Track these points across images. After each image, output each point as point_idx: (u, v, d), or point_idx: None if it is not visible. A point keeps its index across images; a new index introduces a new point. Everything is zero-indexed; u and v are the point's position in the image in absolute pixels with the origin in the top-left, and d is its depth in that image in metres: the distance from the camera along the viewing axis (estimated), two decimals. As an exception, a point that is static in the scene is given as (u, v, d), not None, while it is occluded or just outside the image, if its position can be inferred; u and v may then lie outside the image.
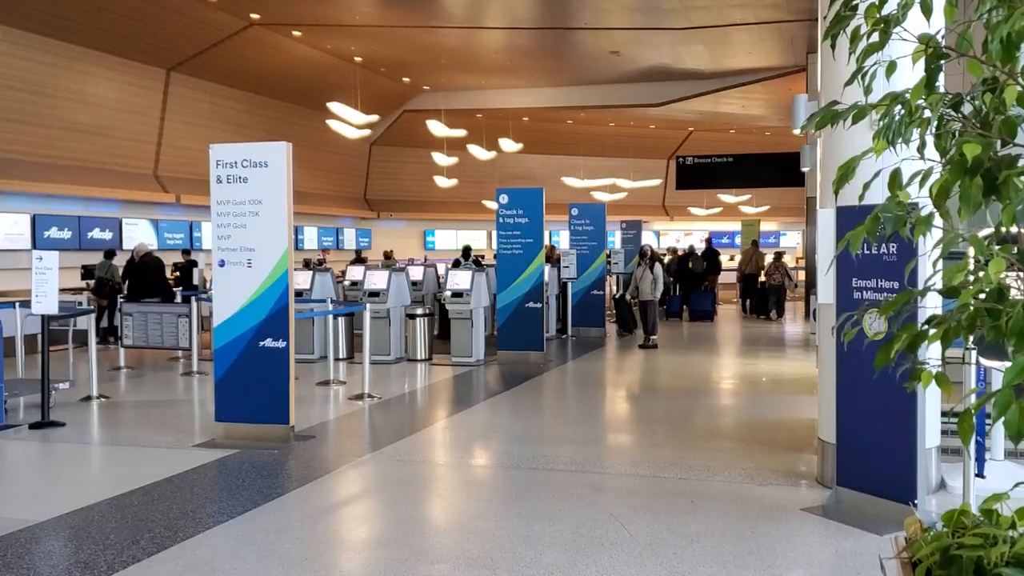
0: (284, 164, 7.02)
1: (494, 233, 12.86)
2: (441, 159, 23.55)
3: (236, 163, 7.11)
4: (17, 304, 10.36)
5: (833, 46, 1.99)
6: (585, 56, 19.87)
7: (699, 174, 23.22)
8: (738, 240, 28.85)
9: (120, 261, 15.03)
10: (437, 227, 30.02)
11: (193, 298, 11.64)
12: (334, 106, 17.66)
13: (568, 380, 11.47)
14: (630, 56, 19.49)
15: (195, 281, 15.42)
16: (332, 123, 18.76)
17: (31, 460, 7.15)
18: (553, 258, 16.02)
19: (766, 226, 31.04)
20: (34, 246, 15.30)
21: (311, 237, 25.02)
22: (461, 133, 22.19)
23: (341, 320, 12.03)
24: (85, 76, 16.55)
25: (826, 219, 5.58)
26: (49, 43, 15.34)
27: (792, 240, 32.68)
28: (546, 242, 13.66)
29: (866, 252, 5.23)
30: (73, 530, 5.16)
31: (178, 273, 16.64)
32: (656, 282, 14.08)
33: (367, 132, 20.81)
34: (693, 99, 22.32)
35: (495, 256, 12.61)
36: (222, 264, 7.18)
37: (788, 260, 22.93)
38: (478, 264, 15.64)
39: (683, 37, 17.43)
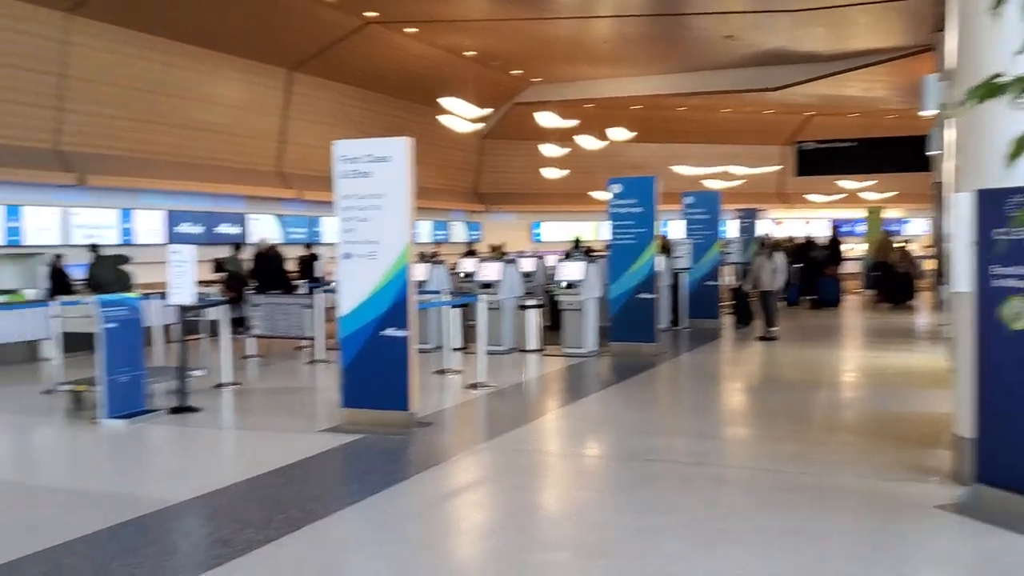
0: (405, 159, 7.19)
1: (601, 224, 12.81)
2: (549, 151, 23.59)
3: (359, 159, 7.32)
4: (157, 295, 10.95)
5: (997, 14, 1.90)
6: (699, 41, 19.55)
7: (821, 160, 22.48)
8: (860, 228, 27.80)
9: (243, 255, 15.68)
10: (544, 219, 30.14)
11: (316, 290, 12.06)
12: (447, 101, 17.92)
13: (682, 372, 11.34)
14: (746, 40, 19.06)
15: (318, 273, 15.94)
16: (443, 118, 19.05)
17: (171, 443, 7.56)
18: (665, 248, 15.83)
19: (892, 213, 29.82)
20: (169, 241, 16.15)
21: (425, 231, 25.52)
22: (572, 124, 22.17)
23: (456, 311, 12.22)
24: (213, 78, 17.34)
25: (963, 203, 5.33)
26: (180, 47, 16.14)
27: (919, 227, 31.32)
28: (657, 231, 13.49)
29: (1006, 238, 4.98)
30: (211, 510, 5.44)
31: (301, 266, 17.23)
32: (776, 272, 13.73)
33: (479, 126, 21.05)
34: (812, 82, 21.66)
35: (605, 247, 12.53)
36: (347, 257, 7.41)
37: (915, 248, 21.99)
38: (588, 255, 15.60)
39: (802, 19, 16.95)
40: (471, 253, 20.03)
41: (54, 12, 13.97)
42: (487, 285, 12.32)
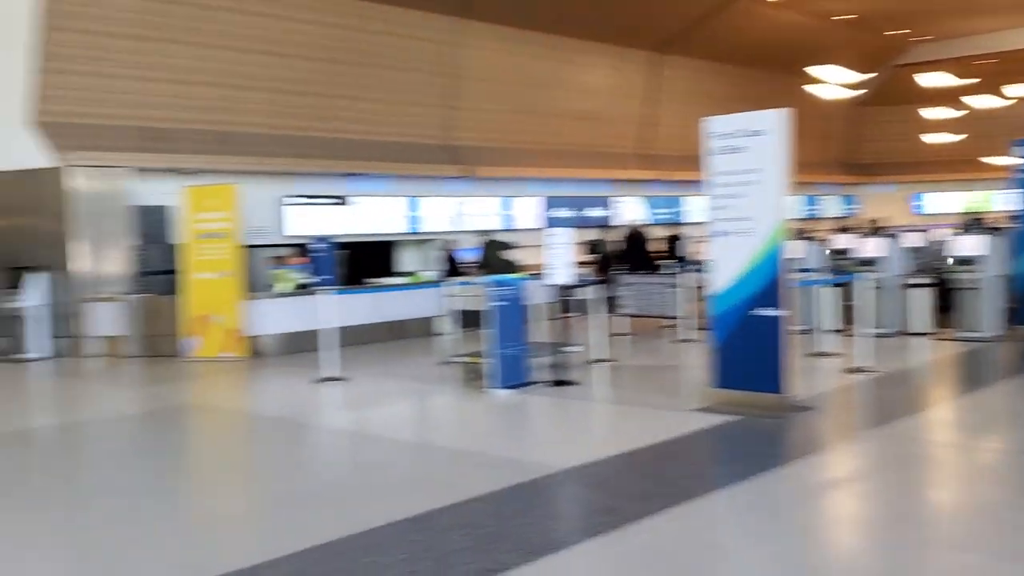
0: (780, 132, 6.91)
1: (996, 194, 11.32)
2: (935, 114, 21.39)
3: (732, 134, 7.18)
4: (536, 276, 11.67)
5: None
6: None
7: None
8: None
9: (612, 236, 16.17)
10: (927, 190, 27.44)
11: (682, 269, 12.09)
12: (819, 69, 16.98)
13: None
14: None
15: (683, 253, 15.99)
16: (812, 87, 18.07)
17: (552, 413, 8.02)
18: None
19: None
20: (545, 225, 17.17)
21: (794, 206, 24.51)
22: (965, 83, 19.89)
23: (832, 290, 11.57)
24: (582, 67, 18.07)
25: None
26: (553, 40, 17.03)
27: None
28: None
29: None
30: (593, 479, 5.67)
31: (667, 246, 17.40)
32: None
33: (851, 93, 19.70)
34: None
35: (1004, 219, 11.08)
36: (718, 235, 7.33)
37: None
38: (986, 227, 13.93)
39: None
40: (844, 229, 18.85)
41: (443, 17, 15.42)
42: (867, 262, 11.50)
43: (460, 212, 17.09)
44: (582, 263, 15.95)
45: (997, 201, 24.78)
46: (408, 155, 15.73)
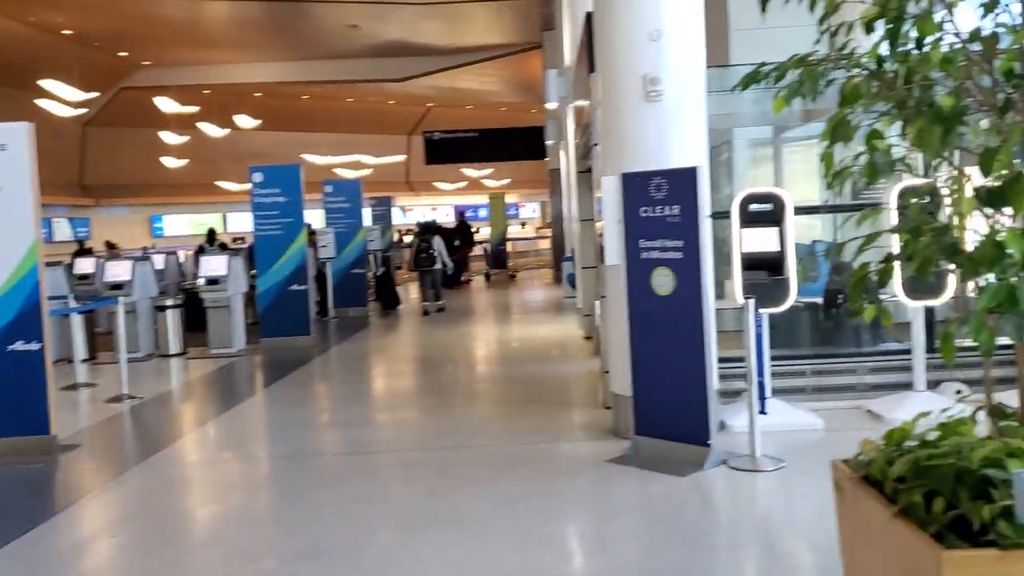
0: (25, 146, 6.21)
1: (230, 215, 12.24)
2: (169, 138, 21.97)
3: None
4: None
5: (764, 9, 2.08)
6: (322, 29, 19.37)
7: (447, 148, 23.41)
8: (483, 213, 29.47)
9: None
10: (166, 212, 28.15)
11: None
12: (47, 83, 15.89)
13: (341, 362, 11.22)
14: (369, 31, 19.24)
15: None
16: (42, 102, 16.88)
17: None
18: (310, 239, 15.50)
19: (508, 198, 32.11)
20: None
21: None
22: (191, 110, 20.83)
23: (79, 318, 10.92)
24: None
25: (610, 185, 5.85)
26: None
27: (531, 211, 34.18)
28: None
29: (649, 215, 5.56)
30: None
31: None
32: (440, 254, 14.52)
33: (81, 111, 18.97)
34: (432, 75, 22.49)
35: (233, 240, 11.94)
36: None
37: (530, 229, 23.70)
38: (225, 248, 14.83)
39: (423, 12, 17.46)
40: (86, 251, 18.05)
41: None
42: (117, 286, 11.16)
43: None
44: None
45: (233, 222, 26.74)
46: None
